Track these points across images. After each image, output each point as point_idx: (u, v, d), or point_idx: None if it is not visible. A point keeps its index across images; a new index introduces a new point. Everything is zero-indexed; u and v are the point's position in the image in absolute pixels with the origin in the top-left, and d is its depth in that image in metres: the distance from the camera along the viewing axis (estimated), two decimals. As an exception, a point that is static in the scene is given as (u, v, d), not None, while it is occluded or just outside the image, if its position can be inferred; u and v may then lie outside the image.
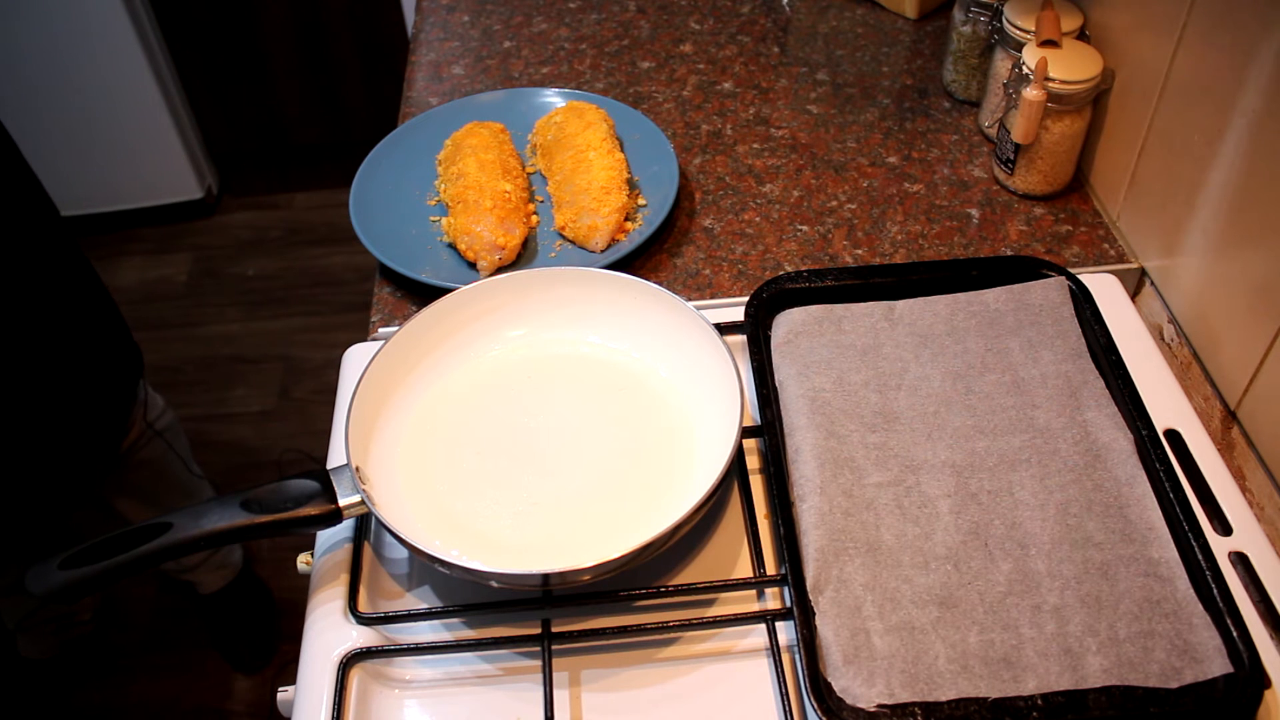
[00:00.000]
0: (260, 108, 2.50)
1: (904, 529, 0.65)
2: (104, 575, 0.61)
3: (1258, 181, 0.70)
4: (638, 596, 0.66)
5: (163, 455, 1.44)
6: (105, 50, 2.17)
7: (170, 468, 1.46)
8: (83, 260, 1.22)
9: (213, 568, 1.67)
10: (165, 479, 1.46)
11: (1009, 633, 0.60)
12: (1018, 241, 0.92)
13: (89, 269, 1.23)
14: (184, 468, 1.50)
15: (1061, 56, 0.87)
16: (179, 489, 1.49)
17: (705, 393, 0.73)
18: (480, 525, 0.68)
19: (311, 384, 2.15)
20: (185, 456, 1.50)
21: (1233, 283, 0.74)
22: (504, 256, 0.88)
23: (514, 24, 1.23)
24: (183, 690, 1.70)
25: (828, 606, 0.61)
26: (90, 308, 1.23)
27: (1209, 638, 0.59)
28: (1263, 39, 0.68)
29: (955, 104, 1.07)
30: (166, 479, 1.47)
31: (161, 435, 1.43)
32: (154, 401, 1.42)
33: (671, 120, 1.07)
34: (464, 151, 0.94)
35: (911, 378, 0.73)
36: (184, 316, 2.31)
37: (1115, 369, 0.72)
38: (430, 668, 0.65)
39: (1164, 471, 0.66)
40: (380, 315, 0.89)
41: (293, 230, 2.50)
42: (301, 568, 0.72)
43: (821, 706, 0.57)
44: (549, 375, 0.78)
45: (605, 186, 0.90)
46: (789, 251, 0.92)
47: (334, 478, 0.66)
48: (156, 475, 1.44)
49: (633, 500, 0.70)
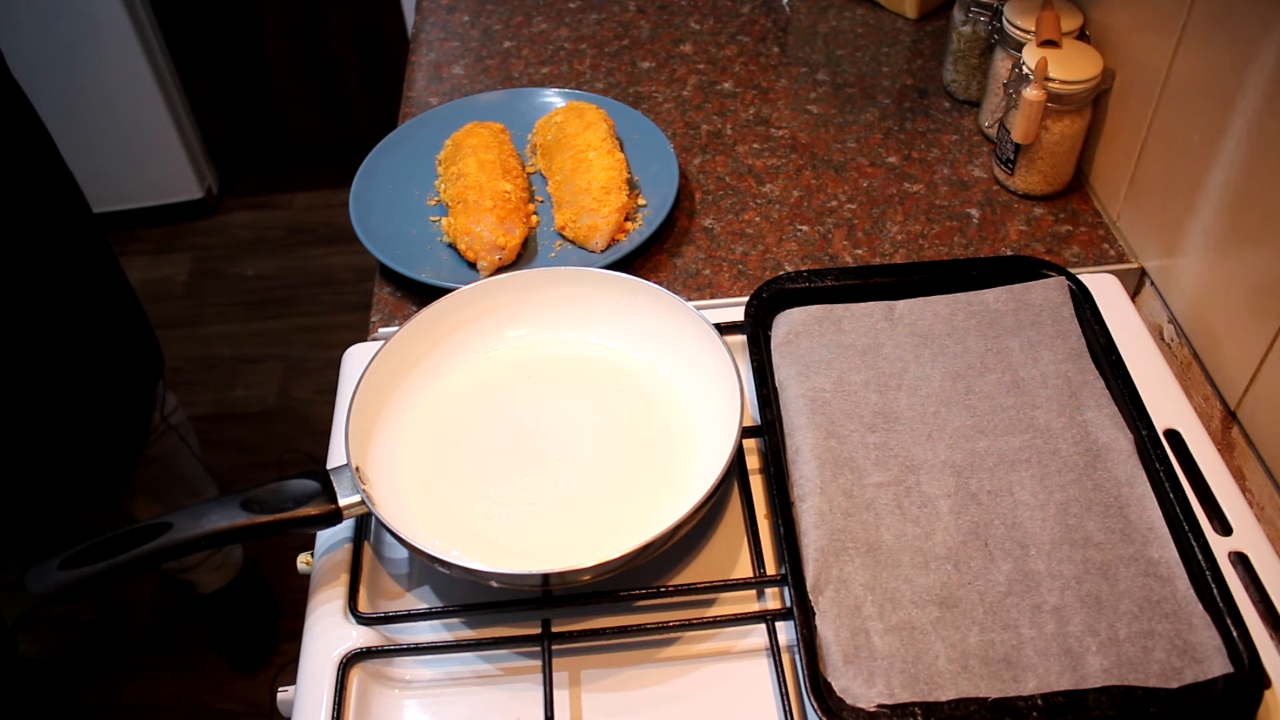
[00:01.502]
0: (260, 108, 2.50)
1: (904, 529, 0.65)
2: (104, 575, 0.61)
3: (1258, 181, 0.70)
4: (638, 596, 0.66)
5: (175, 449, 1.44)
6: (105, 50, 2.17)
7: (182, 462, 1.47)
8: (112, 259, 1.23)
9: (213, 567, 1.68)
10: (176, 473, 1.47)
11: (1009, 633, 0.60)
12: (1018, 241, 0.92)
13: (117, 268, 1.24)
14: (195, 462, 1.51)
15: (1061, 56, 0.87)
16: (188, 485, 1.50)
17: (705, 393, 0.73)
18: (480, 525, 0.68)
19: (311, 384, 2.15)
20: (196, 451, 1.51)
21: (1233, 283, 0.74)
22: (504, 256, 0.88)
23: (514, 24, 1.23)
24: (183, 690, 1.70)
25: (828, 606, 0.61)
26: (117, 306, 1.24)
27: (1209, 638, 0.59)
28: (1263, 39, 0.68)
29: (955, 104, 1.07)
30: (177, 473, 1.47)
31: (175, 429, 1.44)
32: (169, 398, 1.43)
33: (671, 120, 1.07)
34: (464, 151, 0.94)
35: (911, 378, 0.73)
36: (184, 316, 2.31)
37: (1115, 369, 0.72)
38: (430, 668, 0.65)
39: (1164, 471, 0.66)
40: (380, 315, 0.89)
41: (293, 230, 2.50)
42: (301, 568, 0.72)
43: (821, 706, 0.57)
44: (549, 375, 0.78)
45: (605, 186, 0.90)
46: (789, 251, 0.92)
47: (334, 478, 0.66)
48: (168, 470, 1.45)
49: (633, 500, 0.70)
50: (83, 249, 1.17)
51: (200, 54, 2.38)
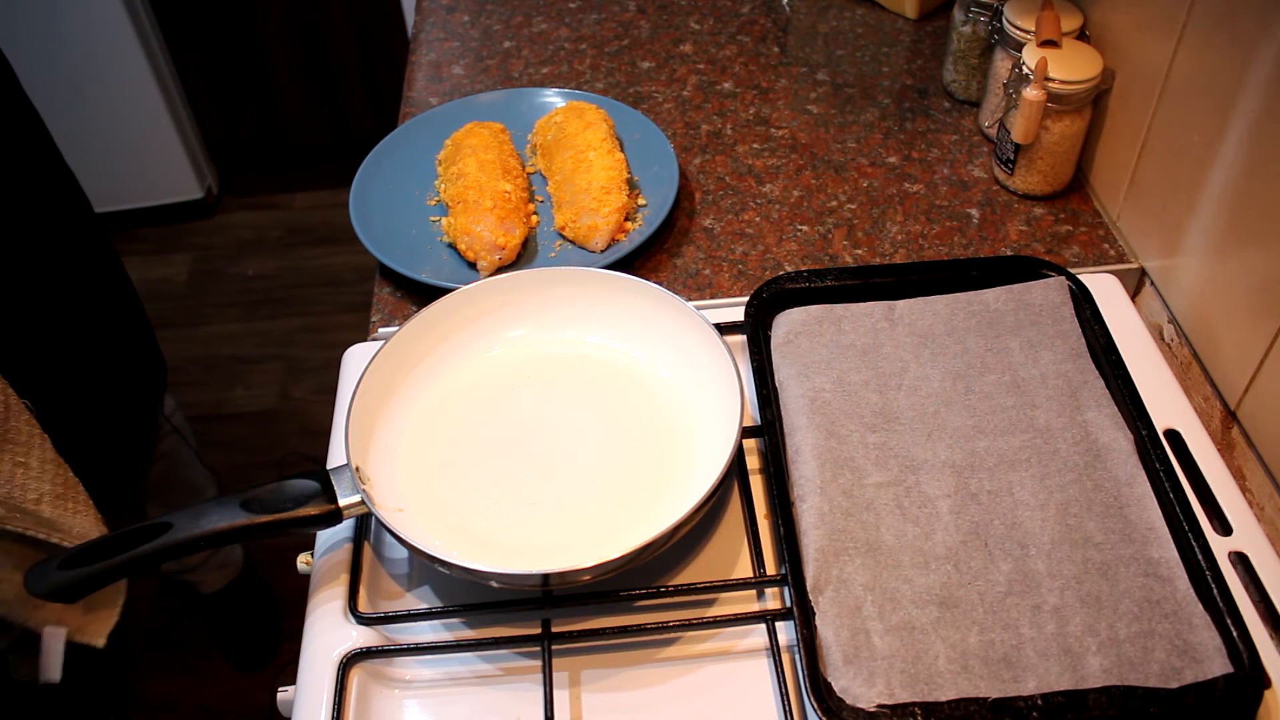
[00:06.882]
0: (260, 108, 2.50)
1: (904, 529, 0.65)
2: (103, 575, 0.61)
3: (1258, 181, 0.70)
4: (638, 596, 0.66)
5: (175, 450, 1.44)
6: (105, 50, 2.17)
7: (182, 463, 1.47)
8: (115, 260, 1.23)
9: (213, 567, 1.68)
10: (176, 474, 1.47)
11: (1009, 633, 0.60)
12: (1018, 241, 0.92)
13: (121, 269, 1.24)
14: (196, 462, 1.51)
15: (1061, 56, 0.87)
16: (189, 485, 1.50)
17: (705, 393, 0.73)
18: (480, 525, 0.68)
19: (311, 384, 2.15)
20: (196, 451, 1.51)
21: (1233, 283, 0.74)
22: (504, 256, 0.88)
23: (514, 24, 1.23)
24: (183, 690, 1.70)
25: (828, 606, 0.61)
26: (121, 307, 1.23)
27: (1209, 638, 0.59)
28: (1263, 39, 0.68)
29: (955, 104, 1.07)
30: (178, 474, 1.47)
31: (177, 430, 1.44)
32: (168, 399, 1.43)
33: (671, 120, 1.07)
34: (464, 151, 0.94)
35: (911, 378, 0.73)
36: (184, 316, 2.31)
37: (1115, 369, 0.72)
38: (430, 668, 0.65)
39: (1164, 471, 0.66)
40: (380, 315, 0.89)
41: (293, 230, 2.50)
42: (301, 568, 0.72)
43: (821, 706, 0.57)
44: (549, 375, 0.78)
45: (605, 186, 0.90)
46: (789, 251, 0.92)
47: (334, 478, 0.66)
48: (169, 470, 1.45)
49: (633, 500, 0.70)
50: (87, 250, 1.17)
51: (200, 54, 2.38)
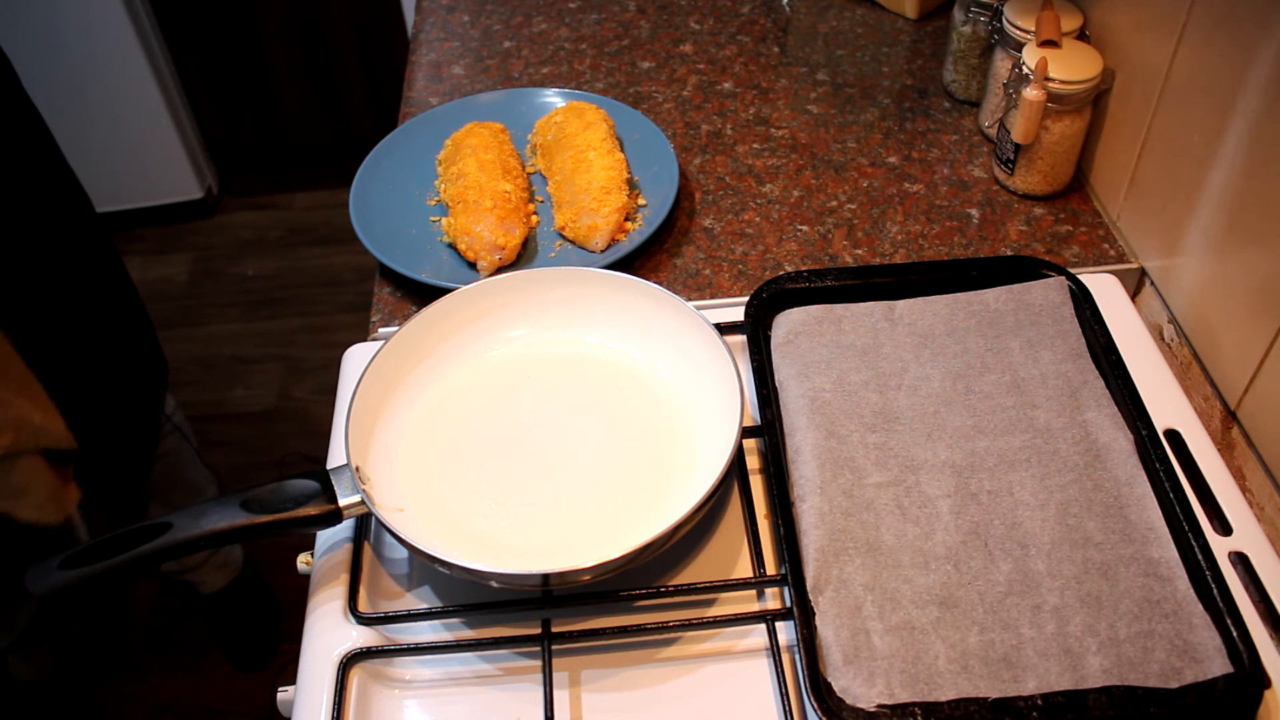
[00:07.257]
0: (260, 108, 2.50)
1: (904, 529, 0.65)
2: (104, 575, 0.61)
3: (1258, 181, 0.70)
4: (638, 596, 0.66)
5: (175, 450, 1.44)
6: (105, 50, 2.17)
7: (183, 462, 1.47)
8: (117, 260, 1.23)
9: (214, 567, 1.68)
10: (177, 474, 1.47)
11: (1009, 633, 0.60)
12: (1018, 241, 0.92)
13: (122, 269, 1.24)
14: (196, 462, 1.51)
15: (1061, 56, 0.87)
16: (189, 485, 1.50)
17: (705, 393, 0.73)
18: (480, 525, 0.68)
19: (311, 384, 2.15)
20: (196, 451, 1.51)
21: (1233, 283, 0.74)
22: (504, 256, 0.88)
23: (514, 24, 1.23)
24: (183, 690, 1.70)
25: (828, 606, 0.61)
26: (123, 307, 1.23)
27: (1209, 638, 0.59)
28: (1263, 39, 0.68)
29: (955, 104, 1.07)
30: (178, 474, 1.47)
31: (178, 429, 1.44)
32: (168, 398, 1.43)
33: (671, 120, 1.07)
34: (464, 151, 0.94)
35: (911, 378, 0.73)
36: (184, 316, 2.31)
37: (1115, 369, 0.72)
38: (430, 668, 0.65)
39: (1164, 471, 0.66)
40: (380, 315, 0.89)
41: (293, 230, 2.50)
42: (301, 568, 0.72)
43: (821, 706, 0.57)
44: (549, 375, 0.78)
45: (605, 186, 0.90)
46: (789, 251, 0.92)
47: (334, 478, 0.66)
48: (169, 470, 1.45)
49: (633, 500, 0.70)
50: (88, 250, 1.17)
51: (200, 54, 2.38)
